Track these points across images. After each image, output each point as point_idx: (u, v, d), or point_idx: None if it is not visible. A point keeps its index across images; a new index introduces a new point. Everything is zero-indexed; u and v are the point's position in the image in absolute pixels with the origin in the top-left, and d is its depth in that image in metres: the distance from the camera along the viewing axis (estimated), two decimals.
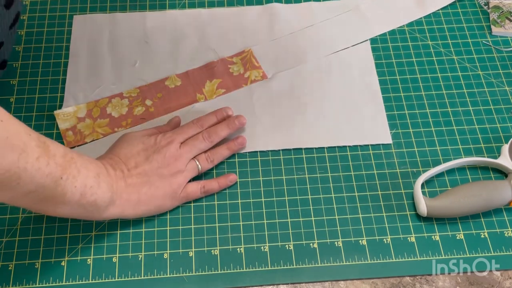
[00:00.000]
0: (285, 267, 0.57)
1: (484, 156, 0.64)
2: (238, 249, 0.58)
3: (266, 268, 0.57)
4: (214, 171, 0.63)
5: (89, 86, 0.68)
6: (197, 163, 0.60)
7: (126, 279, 0.56)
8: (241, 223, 0.60)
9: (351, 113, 0.67)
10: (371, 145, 0.65)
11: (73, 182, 0.48)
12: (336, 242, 0.59)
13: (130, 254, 0.58)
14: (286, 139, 0.65)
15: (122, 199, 0.54)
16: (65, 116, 0.66)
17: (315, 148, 0.65)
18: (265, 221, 0.60)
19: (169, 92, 0.68)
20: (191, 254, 0.58)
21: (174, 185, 0.58)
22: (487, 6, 0.76)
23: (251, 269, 0.57)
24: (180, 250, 0.58)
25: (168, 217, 0.60)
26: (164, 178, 0.57)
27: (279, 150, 0.64)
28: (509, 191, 0.59)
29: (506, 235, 0.59)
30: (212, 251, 0.58)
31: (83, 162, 0.50)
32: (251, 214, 0.60)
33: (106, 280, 0.56)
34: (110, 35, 0.73)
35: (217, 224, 0.59)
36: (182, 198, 0.59)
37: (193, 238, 0.59)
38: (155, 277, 0.56)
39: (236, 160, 0.64)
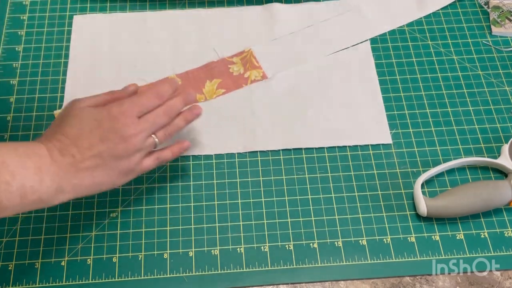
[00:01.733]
0: (285, 267, 0.57)
1: (484, 156, 0.64)
2: (238, 249, 0.58)
3: (266, 268, 0.57)
4: (214, 171, 0.63)
5: (89, 86, 0.68)
6: (155, 138, 0.56)
7: (126, 279, 0.56)
8: (241, 223, 0.60)
9: (351, 113, 0.67)
10: (371, 145, 0.65)
11: (7, 188, 0.45)
12: (336, 242, 0.59)
13: (130, 254, 0.58)
14: (286, 139, 0.65)
15: (72, 184, 0.51)
16: None
17: (315, 148, 0.65)
18: (265, 221, 0.60)
19: None
20: (191, 254, 0.58)
21: (131, 164, 0.54)
22: (487, 6, 0.76)
23: (251, 269, 0.57)
24: (180, 250, 0.58)
25: (168, 217, 0.60)
26: (121, 158, 0.53)
27: (279, 150, 0.64)
28: (509, 191, 0.59)
29: (506, 235, 0.59)
30: (212, 251, 0.58)
31: (19, 161, 0.47)
32: (251, 214, 0.60)
33: (106, 280, 0.56)
34: (110, 35, 0.73)
35: (217, 224, 0.59)
36: (137, 173, 0.56)
37: (193, 238, 0.59)
38: (155, 277, 0.56)
39: (236, 160, 0.64)
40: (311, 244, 0.58)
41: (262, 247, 0.58)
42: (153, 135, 0.56)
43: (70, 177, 0.50)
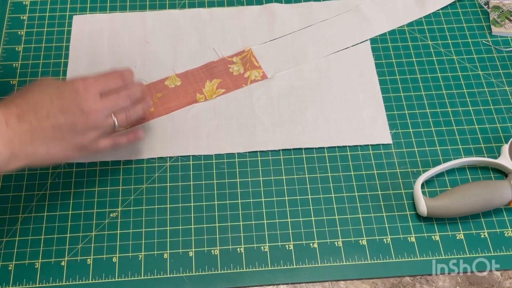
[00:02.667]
0: (285, 267, 0.57)
1: (484, 156, 0.64)
2: (238, 249, 0.58)
3: (266, 268, 0.57)
4: (214, 171, 0.63)
5: None
6: (115, 120, 0.55)
7: (126, 279, 0.56)
8: (241, 223, 0.60)
9: (351, 113, 0.67)
10: (371, 145, 0.65)
11: None
12: (336, 242, 0.59)
13: (130, 254, 0.58)
14: (286, 139, 0.65)
15: (26, 152, 0.50)
16: None
17: (315, 148, 0.65)
18: (265, 221, 0.60)
19: (169, 92, 0.68)
20: (191, 254, 0.58)
21: (86, 140, 0.54)
22: (487, 6, 0.76)
23: (251, 269, 0.57)
24: (180, 250, 0.58)
25: (168, 217, 0.60)
26: (78, 133, 0.53)
27: (279, 150, 0.64)
28: (509, 191, 0.59)
29: (506, 235, 0.59)
30: (212, 251, 0.58)
31: None
32: (251, 214, 0.60)
33: (106, 280, 0.56)
34: (110, 35, 0.73)
35: (217, 224, 0.59)
36: (92, 151, 0.56)
37: (193, 238, 0.59)
38: (155, 277, 0.56)
39: (236, 160, 0.64)
40: (311, 244, 0.58)
41: (262, 247, 0.58)
42: (113, 116, 0.55)
43: (25, 144, 0.50)
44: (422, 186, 0.61)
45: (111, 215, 0.60)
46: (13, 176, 0.62)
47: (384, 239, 0.59)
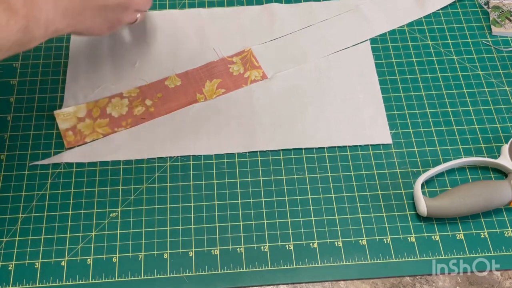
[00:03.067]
0: (285, 267, 0.57)
1: (484, 156, 0.64)
2: (238, 249, 0.58)
3: (266, 268, 0.57)
4: (214, 171, 0.63)
5: (89, 86, 0.68)
6: (138, 16, 0.63)
7: (126, 279, 0.56)
8: (241, 223, 0.60)
9: (351, 113, 0.67)
10: (371, 145, 0.65)
11: (37, 23, 0.50)
12: (336, 242, 0.59)
13: (130, 254, 0.58)
14: (286, 139, 0.65)
15: (75, 21, 0.55)
16: (65, 116, 0.66)
17: (315, 148, 0.65)
18: (265, 221, 0.60)
19: (169, 92, 0.68)
20: (191, 254, 0.58)
21: (117, 23, 0.61)
22: (487, 6, 0.76)
23: (251, 269, 0.57)
24: (180, 250, 0.58)
25: (168, 217, 0.60)
26: (115, 16, 0.59)
27: (279, 150, 0.64)
28: (509, 191, 0.59)
29: (506, 235, 0.59)
30: (212, 251, 0.58)
31: None
32: (251, 214, 0.60)
33: (106, 280, 0.56)
34: (110, 35, 0.73)
35: (217, 224, 0.59)
36: (113, 31, 0.63)
37: (193, 238, 0.59)
38: (155, 277, 0.56)
39: (236, 160, 0.64)
40: (311, 244, 0.58)
41: (262, 247, 0.58)
42: (138, 13, 0.63)
43: (76, 15, 0.55)
44: (422, 186, 0.61)
45: (111, 215, 0.60)
46: (13, 176, 0.62)
47: (384, 239, 0.59)
